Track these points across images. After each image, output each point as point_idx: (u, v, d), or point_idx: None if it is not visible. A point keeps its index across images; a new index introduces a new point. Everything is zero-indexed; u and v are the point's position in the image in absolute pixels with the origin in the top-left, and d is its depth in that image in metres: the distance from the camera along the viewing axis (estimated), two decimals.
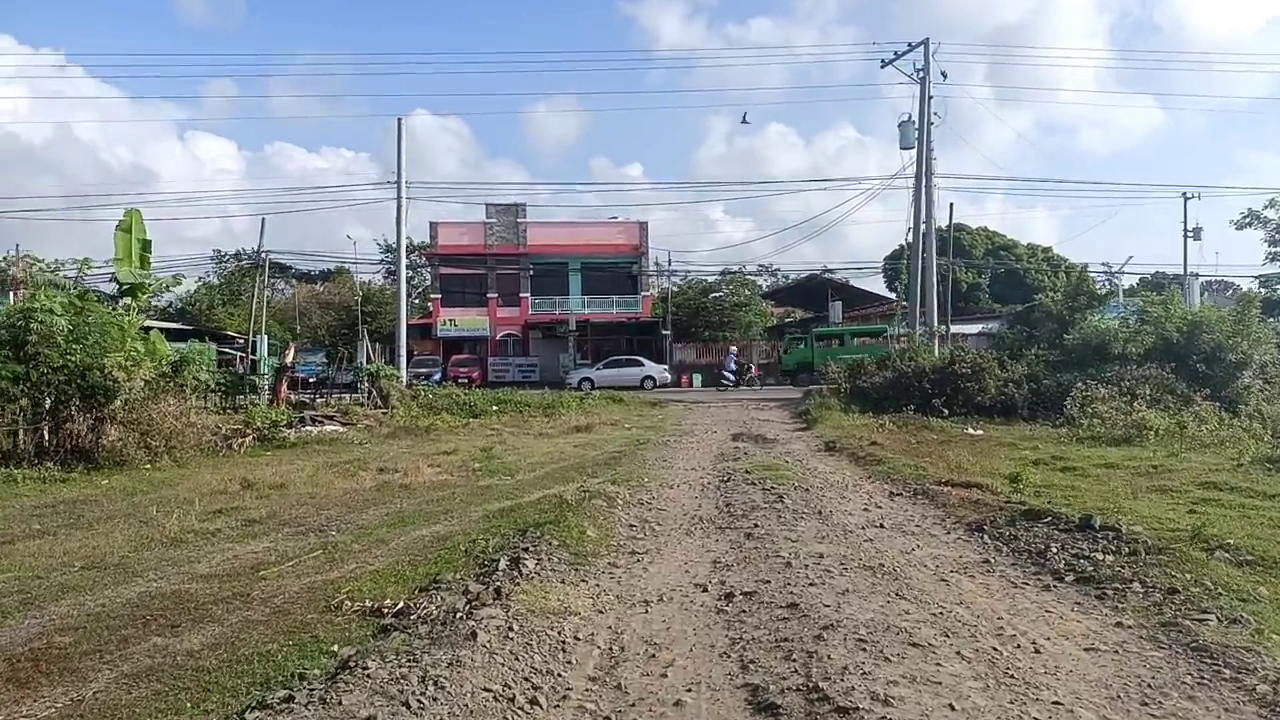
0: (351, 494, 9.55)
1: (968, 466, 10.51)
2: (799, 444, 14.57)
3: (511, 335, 42.11)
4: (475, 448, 13.93)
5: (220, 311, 52.21)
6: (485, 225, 42.08)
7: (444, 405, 20.08)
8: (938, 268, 25.89)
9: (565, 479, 10.46)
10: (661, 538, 6.54)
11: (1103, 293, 25.10)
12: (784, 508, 7.52)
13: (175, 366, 12.91)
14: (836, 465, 11.49)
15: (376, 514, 8.32)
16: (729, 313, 41.79)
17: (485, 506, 8.46)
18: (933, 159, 25.69)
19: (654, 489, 9.09)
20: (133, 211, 16.01)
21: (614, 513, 7.48)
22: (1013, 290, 56.39)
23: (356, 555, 6.56)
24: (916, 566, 5.49)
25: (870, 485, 9.27)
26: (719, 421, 19.57)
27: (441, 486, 10.05)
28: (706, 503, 8.17)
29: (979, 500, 7.78)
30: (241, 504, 8.89)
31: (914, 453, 12.48)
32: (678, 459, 12.26)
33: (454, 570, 5.48)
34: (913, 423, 17.77)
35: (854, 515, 7.40)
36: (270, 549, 6.97)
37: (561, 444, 14.78)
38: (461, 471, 11.38)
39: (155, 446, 12.05)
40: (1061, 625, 4.24)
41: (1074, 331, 23.45)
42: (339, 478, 10.73)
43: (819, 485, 9.10)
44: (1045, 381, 20.47)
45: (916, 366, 21.58)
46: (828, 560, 5.46)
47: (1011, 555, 5.78)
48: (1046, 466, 11.52)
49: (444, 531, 7.27)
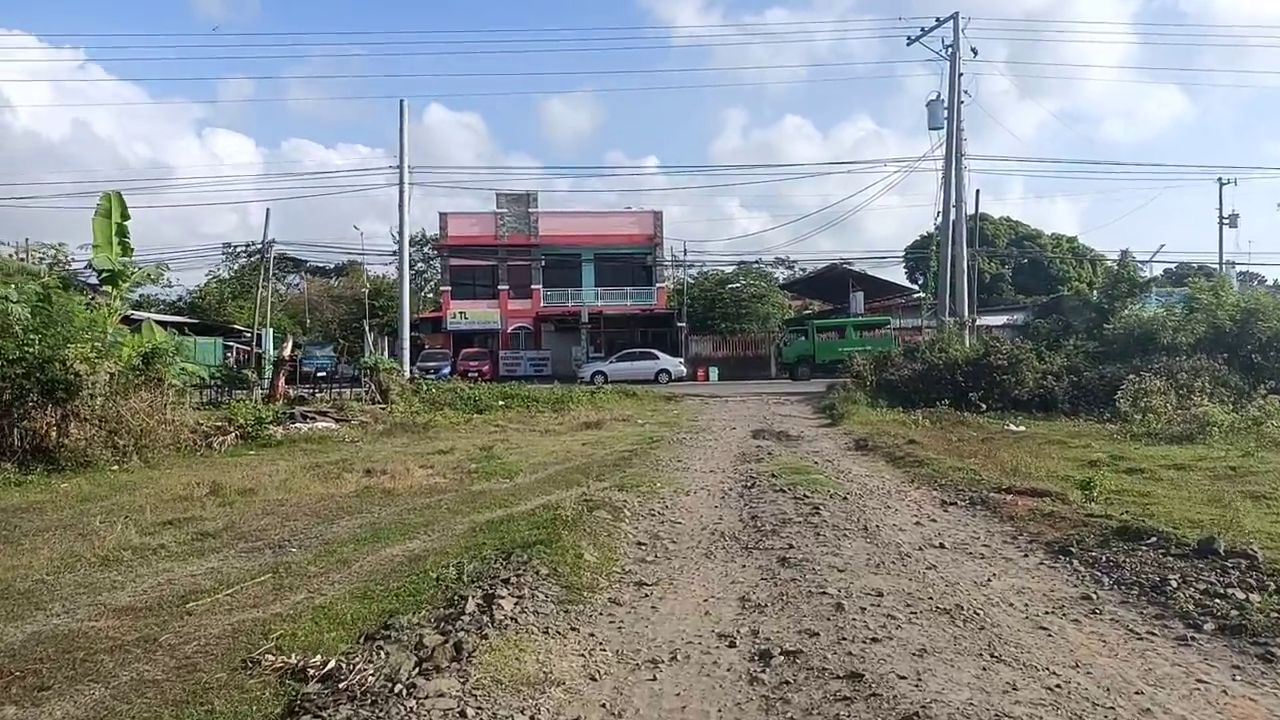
0: (327, 501, 8.47)
1: (1024, 469, 9.27)
2: (826, 442, 13.35)
3: (523, 328, 41.03)
4: (475, 446, 12.84)
5: (231, 305, 51.53)
6: (496, 215, 41.00)
7: (447, 400, 19.03)
8: (955, 259, 24.48)
9: (569, 483, 9.34)
10: (675, 561, 5.38)
11: (1143, 280, 23.55)
12: (822, 522, 6.33)
13: (146, 359, 11.86)
14: (872, 467, 10.27)
15: (348, 526, 7.23)
16: (746, 304, 40.43)
17: (474, 517, 7.35)
18: (963, 139, 24.29)
19: (667, 496, 7.93)
20: (112, 194, 15.01)
21: (619, 527, 6.33)
22: (1036, 281, 54.75)
23: (309, 581, 5.47)
24: (1001, 606, 4.30)
25: (916, 492, 8.06)
26: (738, 417, 18.38)
27: (429, 492, 8.95)
28: (729, 514, 7.00)
29: (1052, 512, 6.55)
30: (199, 513, 7.83)
31: (957, 452, 11.24)
32: (694, 459, 11.10)
33: (414, 608, 4.36)
34: (947, 418, 16.51)
35: (906, 531, 6.21)
36: (213, 571, 5.89)
37: (569, 442, 13.66)
38: (455, 474, 10.28)
39: (124, 446, 11.05)
40: (1232, 709, 3.05)
41: (1115, 321, 22.09)
42: (318, 481, 9.66)
43: (857, 492, 7.91)
44: (1086, 374, 19.18)
45: (948, 358, 20.27)
46: (889, 599, 4.27)
47: (1117, 590, 4.58)
48: (1109, 468, 10.26)
49: (419, 550, 6.16)
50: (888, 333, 33.73)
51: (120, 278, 14.66)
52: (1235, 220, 45.24)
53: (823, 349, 33.46)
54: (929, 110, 24.54)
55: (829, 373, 32.81)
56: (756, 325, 39.19)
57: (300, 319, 53.56)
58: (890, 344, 31.21)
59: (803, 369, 33.45)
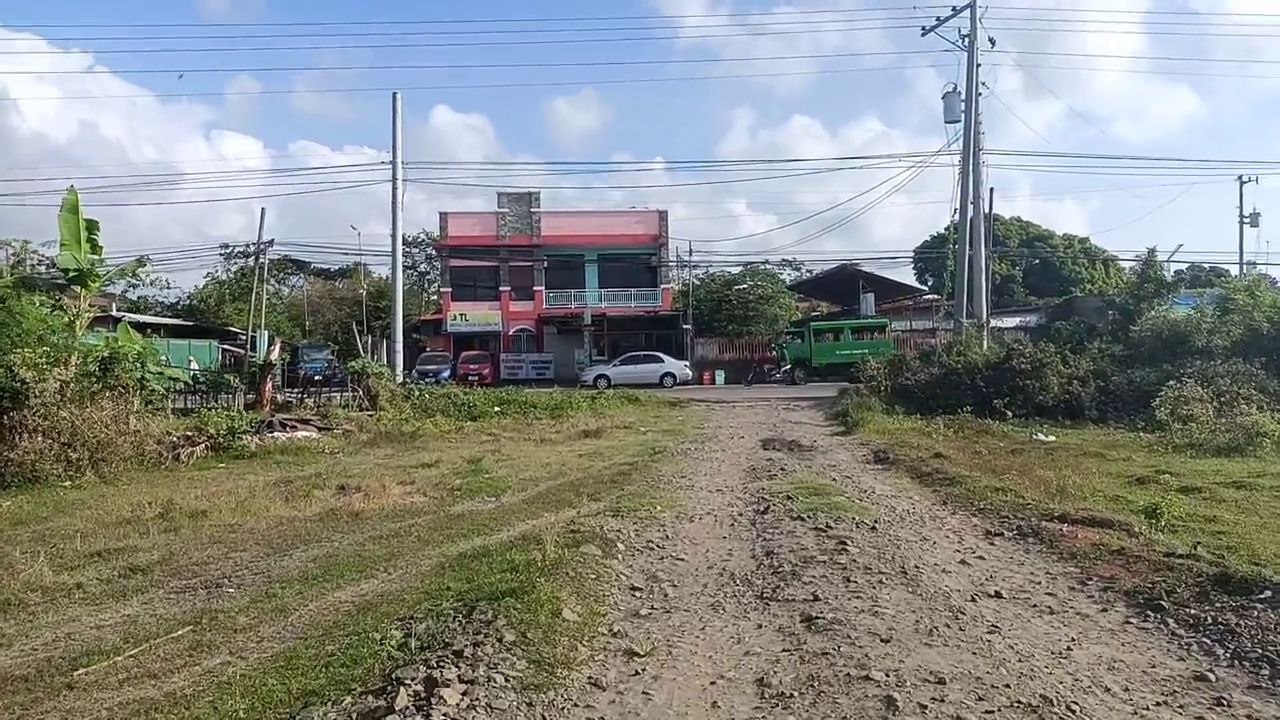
0: (286, 525, 7.53)
1: (1069, 488, 8.25)
2: (842, 453, 12.36)
3: (525, 330, 40.09)
4: (463, 458, 11.89)
5: (229, 308, 50.75)
6: (497, 215, 40.07)
7: (440, 406, 18.09)
8: (972, 258, 23.41)
9: (560, 503, 8.39)
10: (676, 617, 4.41)
11: (1170, 280, 22.44)
12: (850, 561, 5.34)
13: (104, 365, 10.95)
14: (897, 484, 9.27)
15: (301, 559, 6.28)
16: (754, 306, 39.36)
17: (446, 549, 6.40)
18: (980, 133, 23.26)
19: (668, 522, 6.96)
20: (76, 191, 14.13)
21: (610, 567, 5.36)
22: (1047, 282, 53.66)
23: (233, 638, 4.52)
24: (1096, 693, 3.32)
25: (953, 518, 7.06)
26: (745, 424, 17.39)
27: (403, 514, 8.00)
28: (740, 548, 6.02)
29: (1122, 549, 5.55)
30: (136, 542, 6.89)
31: (988, 467, 10.23)
32: (700, 474, 10.13)
33: (338, 691, 3.40)
34: (970, 426, 15.49)
35: (951, 574, 5.22)
36: (127, 621, 4.95)
37: (565, 453, 12.71)
38: (436, 491, 9.34)
39: (79, 460, 10.14)
40: None
41: (1141, 323, 21.01)
42: (282, 500, 8.73)
43: (886, 519, 6.91)
44: (1114, 378, 18.13)
45: (967, 362, 19.23)
46: (954, 689, 3.27)
47: (1240, 667, 3.59)
48: (1158, 485, 9.26)
49: (372, 594, 5.21)
50: (882, 336, 32.62)
51: (89, 277, 13.78)
52: (1256, 219, 44.00)
53: (820, 352, 32.43)
54: (945, 103, 23.52)
55: (825, 377, 31.85)
56: (764, 327, 38.13)
57: (301, 322, 52.76)
58: (889, 347, 30.14)
59: (799, 372, 32.46)
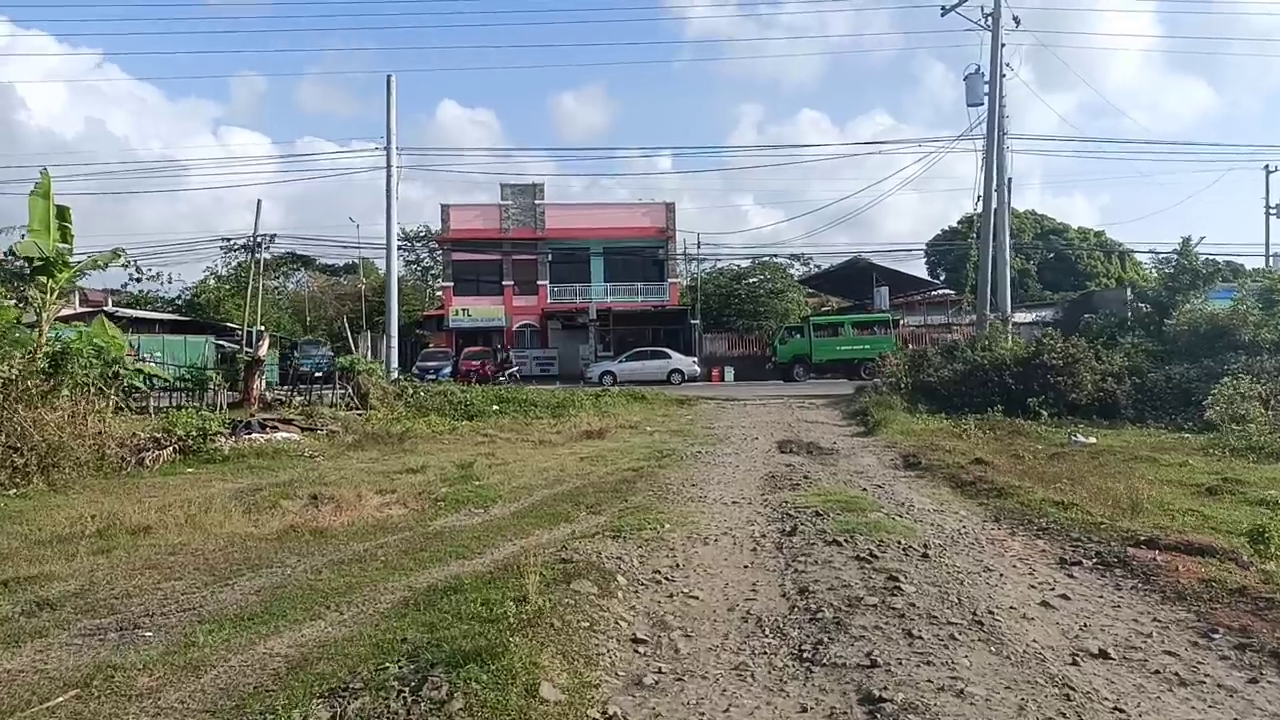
0: (237, 546, 6.53)
1: (1140, 502, 7.16)
2: (868, 457, 11.30)
3: (529, 326, 39.11)
4: (453, 463, 10.88)
5: (229, 303, 49.88)
6: (500, 208, 39.07)
7: (435, 405, 17.11)
8: (996, 249, 22.22)
9: (554, 517, 7.38)
10: (690, 688, 3.38)
11: (1207, 271, 21.22)
12: (908, 605, 4.29)
13: (54, 361, 9.97)
14: (936, 496, 8.21)
15: (242, 591, 5.28)
16: (764, 300, 38.24)
17: (414, 579, 5.38)
18: (1005, 116, 22.09)
19: (678, 545, 5.92)
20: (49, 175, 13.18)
21: (607, 611, 4.33)
22: (1062, 277, 52.37)
23: (123, 708, 3.51)
24: None
25: (1014, 540, 5.99)
26: (759, 423, 16.34)
27: (374, 531, 6.99)
28: (766, 582, 4.97)
29: (1243, 588, 4.49)
30: (57, 568, 5.89)
31: (1034, 475, 9.15)
32: (712, 482, 9.09)
33: None
34: (1001, 427, 14.42)
35: (1035, 621, 4.17)
36: (6, 679, 3.95)
37: (564, 456, 11.70)
38: (419, 501, 8.34)
39: (26, 465, 9.17)
40: None
41: (1178, 316, 19.84)
42: (242, 513, 7.72)
43: (935, 541, 5.85)
44: (1151, 375, 17.02)
45: (994, 358, 18.12)
46: None
47: None
48: (1233, 497, 8.20)
49: (312, 644, 4.19)
50: (886, 332, 31.47)
51: (55, 266, 12.82)
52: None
53: (820, 348, 31.33)
54: (967, 84, 22.34)
55: (825, 374, 30.95)
56: (775, 322, 37.01)
57: (303, 318, 51.87)
58: (892, 344, 28.97)
59: (798, 369, 31.39)
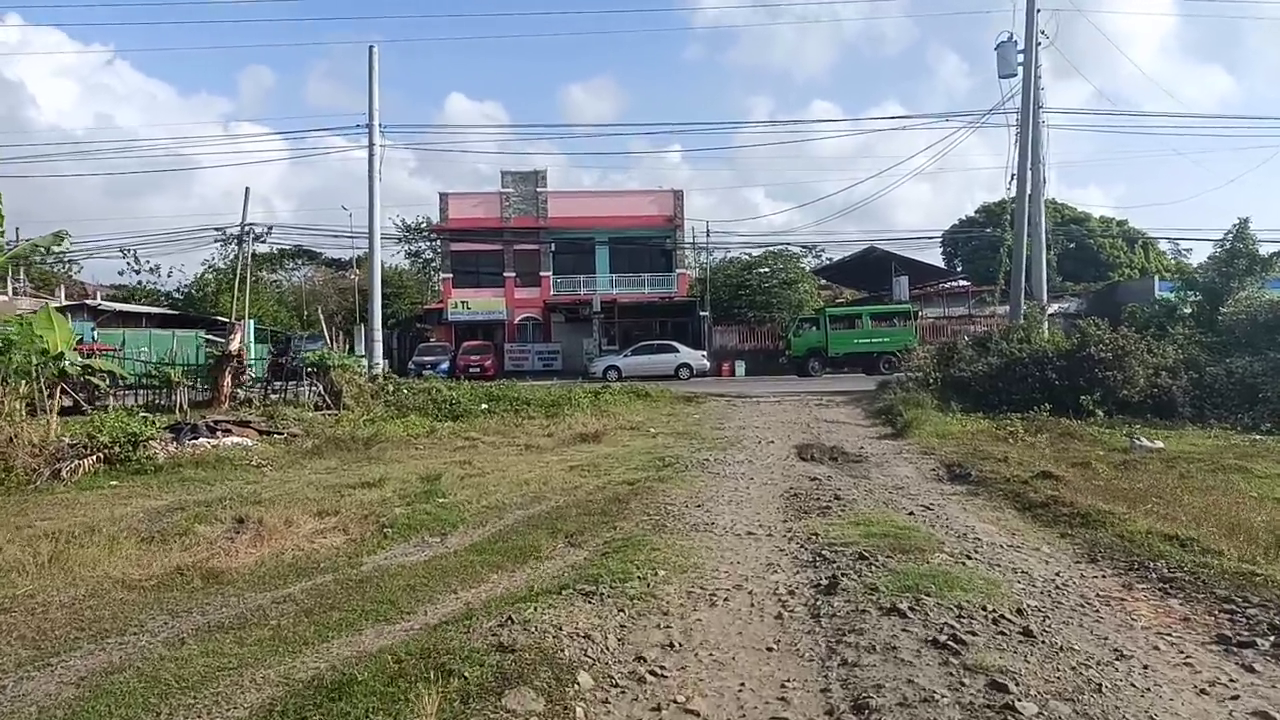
0: (98, 596, 4.99)
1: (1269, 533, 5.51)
2: (904, 466, 9.66)
3: (531, 318, 37.55)
4: (420, 474, 9.31)
5: (226, 297, 48.64)
6: (501, 196, 37.47)
7: (417, 404, 15.59)
8: (1031, 231, 20.48)
9: (522, 552, 5.82)
10: None
11: (1266, 256, 19.40)
12: None
13: None
14: (1002, 522, 6.57)
15: (56, 679, 3.73)
16: (776, 291, 36.52)
17: (300, 659, 3.83)
18: (1040, 88, 20.32)
19: (674, 610, 4.33)
20: None
21: None
22: (1083, 267, 50.25)
23: None
24: None
25: (1137, 600, 4.36)
26: (774, 424, 14.70)
27: (287, 573, 5.44)
28: (800, 682, 3.37)
29: None
30: None
31: (1115, 492, 7.50)
32: (722, 501, 7.49)
33: None
34: (1049, 428, 12.73)
35: None
36: None
37: (552, 465, 10.12)
38: (362, 526, 6.79)
39: None
40: None
41: (1234, 304, 18.09)
42: (137, 544, 6.19)
43: (1030, 603, 4.23)
44: (1210, 369, 15.32)
45: (1034, 351, 16.41)
46: None
47: None
48: None
49: None
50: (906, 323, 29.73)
51: None
52: None
53: (837, 341, 29.64)
54: (999, 54, 20.59)
55: (842, 367, 29.49)
56: (788, 314, 35.28)
57: (301, 312, 50.61)
58: (912, 336, 27.41)
59: (814, 363, 29.76)
